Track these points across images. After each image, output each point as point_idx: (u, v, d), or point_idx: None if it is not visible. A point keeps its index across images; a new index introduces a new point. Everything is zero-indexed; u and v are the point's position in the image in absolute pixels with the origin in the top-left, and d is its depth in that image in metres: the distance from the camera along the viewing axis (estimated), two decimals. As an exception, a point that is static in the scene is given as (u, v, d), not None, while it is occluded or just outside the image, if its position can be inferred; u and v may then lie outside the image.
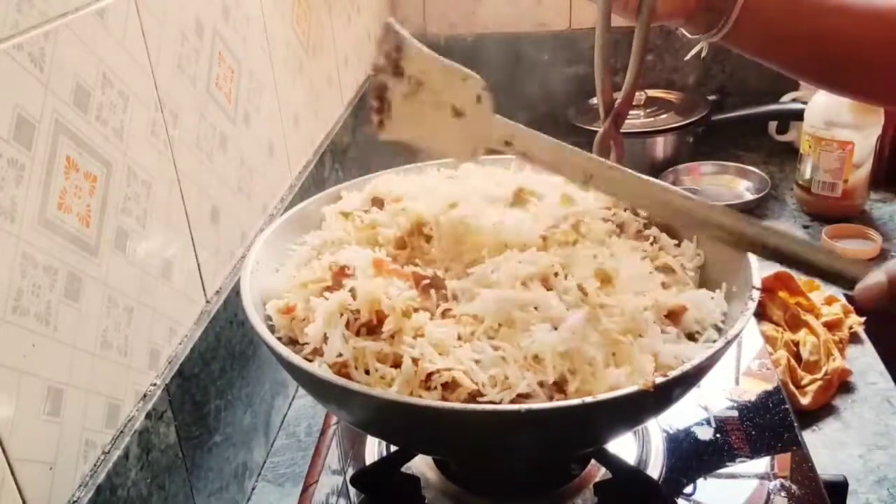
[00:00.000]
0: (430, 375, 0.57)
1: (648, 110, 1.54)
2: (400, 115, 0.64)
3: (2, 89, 0.51)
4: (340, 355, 0.59)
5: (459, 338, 0.59)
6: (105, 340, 0.62)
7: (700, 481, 0.71)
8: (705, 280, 0.70)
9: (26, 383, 0.53)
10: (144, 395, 0.68)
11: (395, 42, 0.63)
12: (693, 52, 0.73)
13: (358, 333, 0.60)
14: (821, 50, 0.69)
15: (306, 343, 0.62)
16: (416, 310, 0.60)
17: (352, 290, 0.61)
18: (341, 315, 0.60)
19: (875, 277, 0.55)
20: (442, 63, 0.63)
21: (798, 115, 1.38)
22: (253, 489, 0.89)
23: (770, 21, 0.67)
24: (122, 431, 0.64)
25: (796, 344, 1.02)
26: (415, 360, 0.57)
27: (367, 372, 0.58)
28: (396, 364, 0.58)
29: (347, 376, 0.58)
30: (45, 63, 0.55)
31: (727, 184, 1.48)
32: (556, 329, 0.58)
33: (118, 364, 0.64)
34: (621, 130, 0.77)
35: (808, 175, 1.35)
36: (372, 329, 0.60)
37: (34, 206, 0.54)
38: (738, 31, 0.69)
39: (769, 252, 0.62)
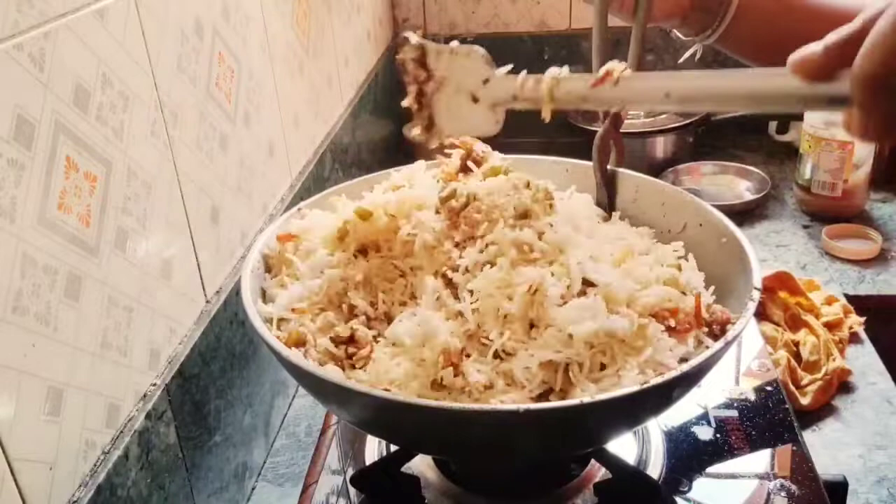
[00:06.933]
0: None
1: (648, 110, 1.54)
2: (439, 116, 0.64)
3: (2, 89, 0.51)
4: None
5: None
6: (105, 340, 0.62)
7: (700, 481, 0.71)
8: (708, 280, 0.70)
9: (26, 383, 0.53)
10: (144, 395, 0.68)
11: (418, 50, 0.62)
12: (687, 54, 0.73)
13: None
14: None
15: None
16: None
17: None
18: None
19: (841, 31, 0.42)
20: (449, 50, 0.63)
21: (798, 115, 1.38)
22: (253, 489, 0.89)
23: (763, 24, 0.67)
24: (121, 431, 0.64)
25: (796, 344, 1.02)
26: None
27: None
28: None
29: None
30: (45, 63, 0.55)
31: (727, 184, 1.48)
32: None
33: (118, 364, 0.64)
34: (621, 130, 0.78)
35: (807, 175, 1.35)
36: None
37: (34, 206, 0.54)
38: (732, 34, 0.69)
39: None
